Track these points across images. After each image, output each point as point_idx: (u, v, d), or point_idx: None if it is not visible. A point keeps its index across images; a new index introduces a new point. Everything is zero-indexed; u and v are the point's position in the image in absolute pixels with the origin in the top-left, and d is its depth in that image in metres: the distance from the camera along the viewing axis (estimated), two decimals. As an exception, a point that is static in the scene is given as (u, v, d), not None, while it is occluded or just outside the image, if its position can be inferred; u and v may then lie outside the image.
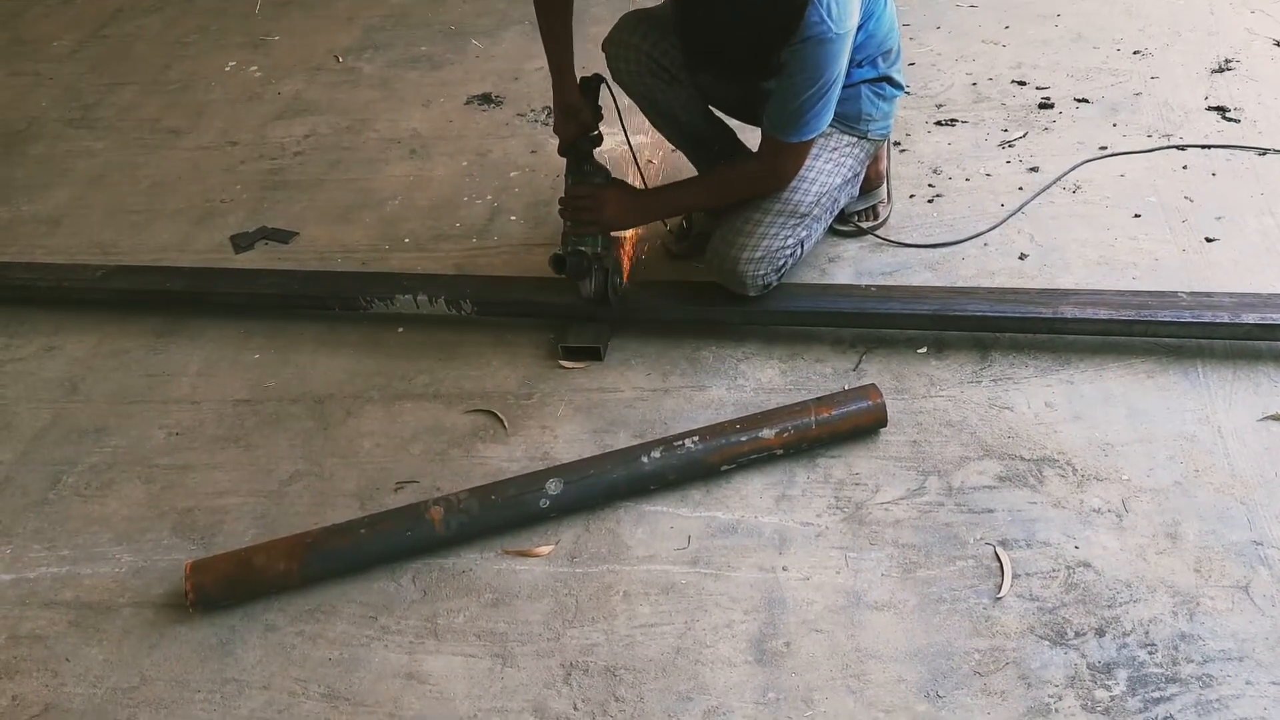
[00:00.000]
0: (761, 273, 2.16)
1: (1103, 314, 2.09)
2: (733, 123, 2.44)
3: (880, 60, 2.23)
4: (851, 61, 2.07)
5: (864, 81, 2.22)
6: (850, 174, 2.29)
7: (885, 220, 2.54)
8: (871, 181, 2.48)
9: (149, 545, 1.98)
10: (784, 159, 2.12)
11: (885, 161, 2.52)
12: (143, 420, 2.26)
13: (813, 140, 2.09)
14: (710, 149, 2.40)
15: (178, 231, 2.85)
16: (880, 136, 2.33)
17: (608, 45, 2.24)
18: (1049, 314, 2.11)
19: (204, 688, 1.74)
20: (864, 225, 2.51)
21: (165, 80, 3.64)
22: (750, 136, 2.31)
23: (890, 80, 2.27)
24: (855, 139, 2.27)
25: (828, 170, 2.21)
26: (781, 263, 2.18)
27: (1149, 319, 2.08)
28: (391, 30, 3.81)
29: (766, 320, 2.26)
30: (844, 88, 2.07)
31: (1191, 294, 2.12)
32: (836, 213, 2.36)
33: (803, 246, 2.23)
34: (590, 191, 2.20)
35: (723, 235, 2.18)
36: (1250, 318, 2.04)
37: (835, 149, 2.23)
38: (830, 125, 2.13)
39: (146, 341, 2.47)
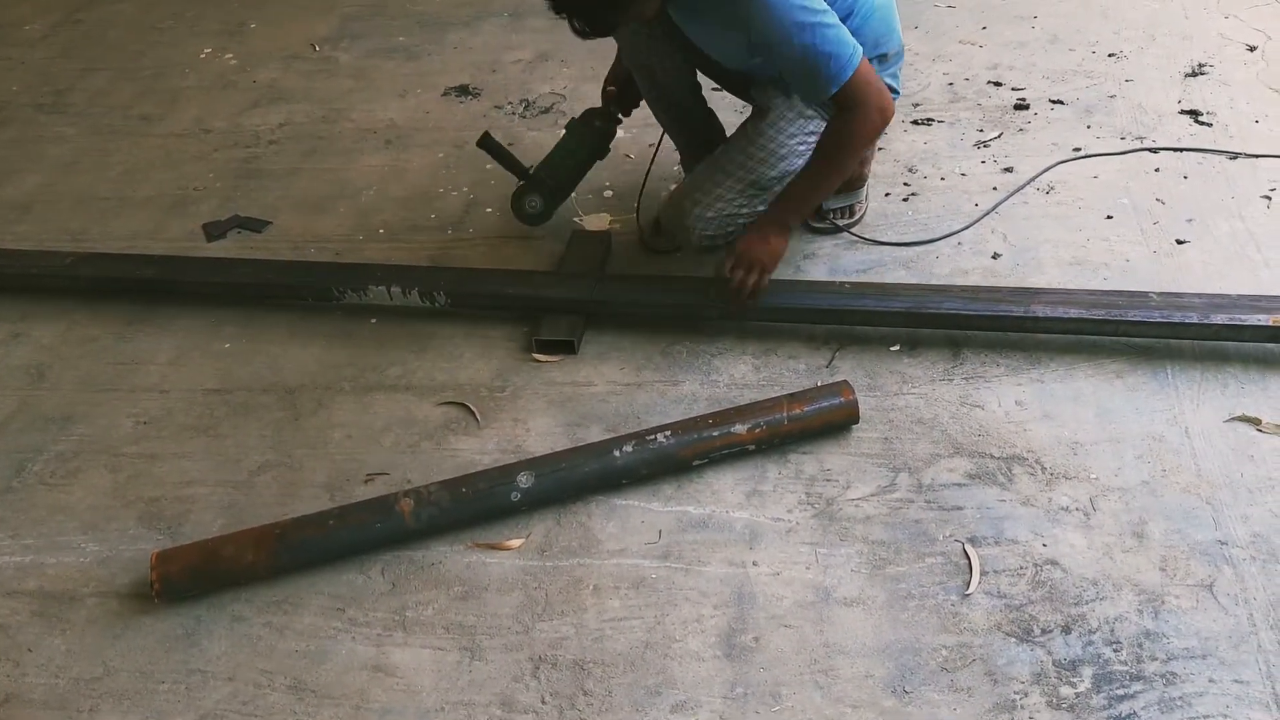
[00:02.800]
0: (709, 232, 2.24)
1: (1074, 313, 2.10)
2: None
3: (876, 64, 2.21)
4: None
5: None
6: None
7: (861, 218, 2.55)
8: (853, 181, 2.48)
9: (115, 535, 1.96)
10: (851, 102, 2.01)
11: (870, 164, 2.51)
12: (111, 409, 2.23)
13: (860, 67, 1.98)
14: (697, 129, 2.47)
15: (149, 219, 2.82)
16: None
17: None
18: (1021, 312, 2.12)
19: (168, 679, 1.72)
20: (840, 223, 2.51)
21: (139, 66, 3.61)
22: (734, 119, 2.31)
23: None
24: None
25: (799, 151, 2.21)
26: (731, 229, 2.24)
27: (1119, 318, 2.09)
28: (369, 20, 3.78)
29: (740, 316, 2.26)
30: None
31: (1161, 294, 2.14)
32: None
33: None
34: (735, 260, 2.12)
35: (689, 182, 2.26)
36: (1219, 318, 2.06)
37: (812, 133, 2.22)
38: (816, 108, 2.13)
39: (116, 329, 2.44)
